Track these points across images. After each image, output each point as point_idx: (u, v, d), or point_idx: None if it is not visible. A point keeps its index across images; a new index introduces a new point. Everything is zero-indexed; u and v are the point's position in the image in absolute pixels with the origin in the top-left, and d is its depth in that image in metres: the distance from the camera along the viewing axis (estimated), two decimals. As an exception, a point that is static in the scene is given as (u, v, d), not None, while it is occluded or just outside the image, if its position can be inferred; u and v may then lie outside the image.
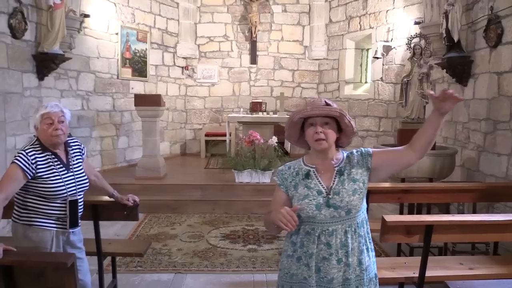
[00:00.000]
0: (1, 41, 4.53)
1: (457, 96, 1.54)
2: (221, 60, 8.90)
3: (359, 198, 1.70)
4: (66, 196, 2.33)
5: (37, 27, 5.23)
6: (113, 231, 4.74)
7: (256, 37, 8.68)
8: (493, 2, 4.34)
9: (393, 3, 7.03)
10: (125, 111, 7.37)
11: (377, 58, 7.29)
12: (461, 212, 4.24)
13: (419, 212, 4.04)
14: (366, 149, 1.79)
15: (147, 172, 6.20)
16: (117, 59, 7.19)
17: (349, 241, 1.68)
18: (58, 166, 2.34)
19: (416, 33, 5.56)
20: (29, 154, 2.25)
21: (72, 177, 2.39)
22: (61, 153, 2.39)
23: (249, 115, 7.86)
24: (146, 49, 7.78)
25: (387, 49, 7.12)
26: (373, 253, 1.78)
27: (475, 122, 4.80)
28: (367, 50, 8.19)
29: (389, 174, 1.87)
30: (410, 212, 3.93)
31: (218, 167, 7.31)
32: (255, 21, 8.55)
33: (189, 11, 8.63)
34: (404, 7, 6.79)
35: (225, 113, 8.84)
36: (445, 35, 4.97)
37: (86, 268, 2.51)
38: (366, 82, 8.30)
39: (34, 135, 2.39)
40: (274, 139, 6.06)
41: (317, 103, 1.74)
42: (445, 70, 5.29)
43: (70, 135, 2.48)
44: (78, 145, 2.54)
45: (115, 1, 7.06)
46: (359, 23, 7.84)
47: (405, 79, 5.25)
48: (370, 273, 1.73)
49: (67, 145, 2.44)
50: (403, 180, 4.30)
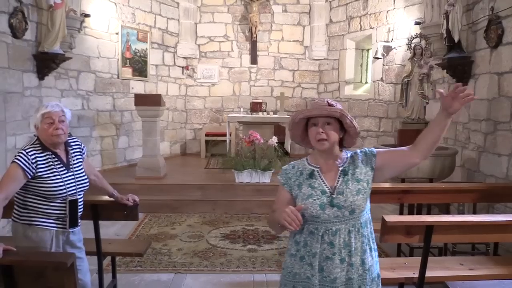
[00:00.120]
0: (1, 40, 4.53)
1: (470, 92, 1.54)
2: (221, 60, 8.90)
3: (363, 198, 1.70)
4: (66, 196, 2.33)
5: (38, 27, 5.23)
6: (113, 231, 4.74)
7: (256, 37, 8.68)
8: (493, 3, 4.34)
9: (394, 3, 7.03)
10: (125, 110, 7.38)
11: (378, 58, 7.30)
12: (461, 212, 4.23)
13: (419, 213, 4.04)
14: (370, 149, 1.80)
15: (147, 172, 6.21)
16: (118, 59, 7.19)
17: (352, 240, 1.69)
18: (58, 166, 2.34)
19: (416, 33, 5.56)
20: (30, 153, 2.25)
21: (72, 177, 2.39)
22: (61, 152, 2.39)
23: (249, 115, 7.87)
24: (147, 49, 7.78)
25: (387, 49, 7.12)
26: (376, 253, 1.79)
27: (475, 123, 4.79)
28: (368, 50, 8.19)
29: (394, 175, 1.87)
30: (410, 213, 3.93)
31: (218, 167, 7.31)
32: (256, 21, 8.55)
33: (190, 11, 8.63)
34: (405, 7, 6.79)
35: (225, 113, 8.84)
36: (445, 35, 4.97)
37: (86, 268, 2.51)
38: (366, 82, 8.30)
39: (35, 135, 2.38)
40: (274, 139, 6.06)
41: (319, 103, 1.75)
42: (445, 70, 5.29)
43: (70, 135, 2.48)
44: (79, 144, 2.54)
45: (115, 1, 7.06)
46: (360, 23, 7.84)
47: (405, 80, 5.24)
48: (372, 273, 1.73)
49: (67, 144, 2.44)
50: (403, 181, 4.29)
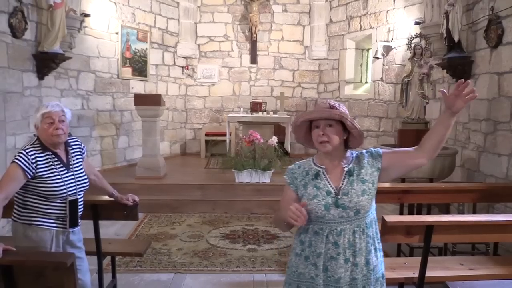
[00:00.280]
0: (1, 40, 4.53)
1: (473, 88, 1.54)
2: (221, 60, 8.89)
3: (368, 199, 1.70)
4: (66, 196, 2.33)
5: (38, 27, 5.22)
6: (113, 230, 4.74)
7: (256, 37, 8.68)
8: (493, 3, 4.34)
9: (394, 3, 7.03)
10: (125, 110, 7.37)
11: (378, 58, 7.29)
12: (461, 212, 4.23)
13: (419, 213, 4.03)
14: (376, 149, 1.80)
15: (147, 172, 6.20)
16: (117, 59, 7.19)
17: (357, 241, 1.69)
18: (58, 166, 2.34)
19: (416, 33, 5.55)
20: (29, 153, 2.25)
21: (72, 176, 2.38)
22: (61, 152, 2.39)
23: (249, 115, 7.87)
24: (146, 48, 7.78)
25: (387, 49, 7.12)
26: (381, 253, 1.79)
27: (475, 123, 4.79)
28: (368, 50, 8.18)
29: (399, 175, 1.87)
30: (410, 213, 3.93)
31: (218, 167, 7.31)
32: (256, 21, 8.54)
33: (190, 10, 8.63)
34: (405, 7, 6.79)
35: (225, 113, 8.84)
36: (445, 35, 4.97)
37: (86, 268, 2.51)
38: (366, 82, 8.30)
39: (34, 135, 2.38)
40: (274, 139, 6.06)
41: (321, 106, 1.76)
42: (445, 70, 5.29)
43: (70, 135, 2.48)
44: (78, 144, 2.53)
45: (115, 0, 7.05)
46: (360, 23, 7.84)
47: (405, 79, 5.23)
48: (377, 273, 1.74)
49: (67, 144, 2.44)
50: (403, 180, 4.29)
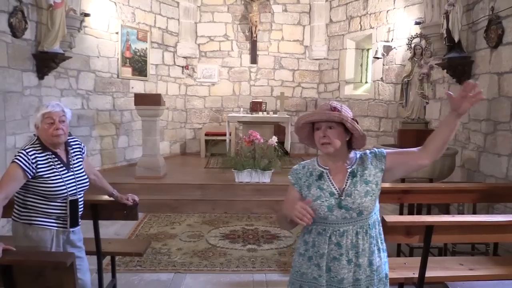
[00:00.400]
0: (1, 40, 4.52)
1: (480, 90, 1.54)
2: (221, 60, 8.89)
3: (371, 200, 1.70)
4: (66, 196, 2.32)
5: (37, 26, 5.22)
6: (113, 230, 4.74)
7: (256, 36, 8.67)
8: (493, 3, 4.34)
9: (394, 3, 7.03)
10: (125, 110, 7.37)
11: (378, 58, 7.29)
12: (461, 212, 4.23)
13: (419, 213, 4.03)
14: (380, 150, 1.80)
15: (147, 172, 6.20)
16: (117, 58, 7.18)
17: (360, 242, 1.69)
18: (59, 166, 2.34)
19: (416, 33, 5.56)
20: (30, 153, 2.24)
21: (73, 176, 2.38)
22: (61, 152, 2.39)
23: (249, 115, 7.86)
24: (146, 48, 7.77)
25: (387, 49, 7.11)
26: (385, 253, 1.79)
27: (475, 123, 4.79)
28: (368, 50, 8.18)
29: (402, 175, 1.88)
30: (410, 213, 3.92)
31: (218, 166, 7.30)
32: (256, 21, 8.54)
33: (190, 10, 8.62)
34: (405, 7, 6.79)
35: (225, 112, 8.83)
36: (445, 35, 4.97)
37: (86, 267, 2.51)
38: (366, 82, 8.29)
39: (34, 134, 2.38)
40: (274, 139, 6.06)
41: (323, 108, 1.76)
42: (445, 70, 5.29)
43: (70, 134, 2.48)
44: (78, 144, 2.53)
45: (115, 0, 7.05)
46: (360, 23, 7.84)
47: (405, 79, 5.24)
48: (380, 273, 1.74)
49: (67, 144, 2.43)
50: (403, 181, 4.28)
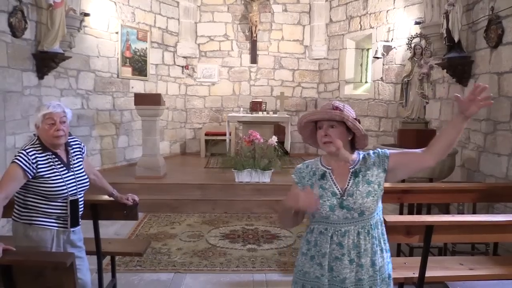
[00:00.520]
0: (1, 39, 4.52)
1: (489, 95, 1.54)
2: (221, 60, 8.89)
3: (373, 200, 1.70)
4: (67, 196, 2.32)
5: (37, 26, 5.22)
6: (113, 230, 4.74)
7: (256, 36, 8.67)
8: (493, 3, 4.34)
9: (394, 3, 7.03)
10: (125, 110, 7.37)
11: (378, 58, 7.29)
12: (461, 212, 4.23)
13: (419, 212, 4.03)
14: (383, 150, 1.80)
15: (147, 172, 6.20)
16: (117, 58, 7.18)
17: (361, 242, 1.70)
18: (59, 166, 2.34)
19: (416, 33, 5.56)
20: (30, 153, 2.24)
21: (73, 176, 2.38)
22: (61, 152, 2.39)
23: (249, 115, 7.86)
24: (146, 48, 7.77)
25: (387, 49, 7.11)
26: (388, 254, 1.79)
27: (475, 123, 4.79)
28: (368, 50, 8.18)
29: (405, 176, 1.86)
30: (410, 212, 3.92)
31: (218, 166, 7.29)
32: (256, 21, 8.54)
33: (190, 10, 8.62)
34: (405, 7, 6.79)
35: (225, 112, 8.83)
36: (445, 35, 4.97)
37: (86, 267, 2.51)
38: (366, 82, 8.29)
39: (34, 134, 2.38)
40: (274, 139, 6.06)
41: (325, 107, 1.77)
42: (445, 70, 5.29)
43: (70, 134, 2.47)
44: (78, 144, 2.53)
45: (115, 0, 7.06)
46: (360, 23, 7.84)
47: (405, 79, 5.24)
48: (383, 273, 1.74)
49: (67, 144, 2.43)
50: (403, 180, 4.27)
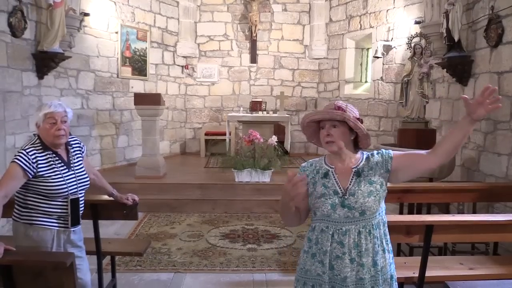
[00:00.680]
0: (0, 39, 4.52)
1: (498, 98, 1.52)
2: (221, 59, 8.89)
3: (374, 200, 1.70)
4: (67, 194, 2.32)
5: (37, 26, 5.21)
6: (113, 230, 4.74)
7: (256, 36, 8.67)
8: (493, 2, 4.34)
9: (394, 2, 7.02)
10: (125, 110, 7.37)
11: (377, 57, 7.29)
12: (461, 212, 4.23)
13: (419, 212, 4.03)
14: (387, 151, 1.80)
15: (146, 171, 6.20)
16: (117, 58, 7.18)
17: (362, 241, 1.69)
18: (59, 165, 2.34)
19: (416, 32, 5.56)
20: (30, 153, 2.24)
21: (73, 175, 2.38)
22: (62, 151, 2.39)
23: (249, 114, 7.86)
24: (146, 48, 7.77)
25: (387, 48, 7.11)
26: (391, 254, 1.79)
27: (475, 122, 4.79)
28: (367, 49, 8.18)
29: (409, 178, 1.85)
30: (410, 212, 3.92)
31: (217, 166, 7.29)
32: (255, 20, 8.54)
33: (189, 10, 8.62)
34: (405, 6, 6.78)
35: (225, 112, 8.84)
36: (445, 34, 4.96)
37: (86, 267, 2.51)
38: (366, 82, 8.29)
39: (34, 134, 2.38)
40: (274, 139, 6.06)
41: (327, 107, 1.78)
42: (445, 69, 5.28)
43: (70, 134, 2.47)
44: (78, 143, 2.53)
45: (115, 0, 7.05)
46: (360, 22, 7.84)
47: (405, 79, 5.24)
48: (385, 274, 1.73)
49: (67, 143, 2.43)
50: (403, 180, 4.29)
